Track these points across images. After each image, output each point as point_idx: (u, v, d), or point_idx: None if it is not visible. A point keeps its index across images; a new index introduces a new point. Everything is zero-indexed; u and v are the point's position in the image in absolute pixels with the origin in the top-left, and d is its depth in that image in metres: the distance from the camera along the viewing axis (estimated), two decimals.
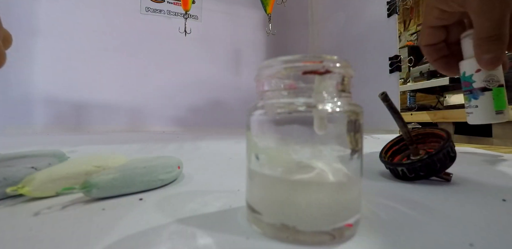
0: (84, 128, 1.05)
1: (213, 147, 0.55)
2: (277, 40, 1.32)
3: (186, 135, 0.85)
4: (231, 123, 1.22)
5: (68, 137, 0.77)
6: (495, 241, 0.15)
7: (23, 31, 0.96)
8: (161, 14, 1.18)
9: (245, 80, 1.28)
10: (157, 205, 0.20)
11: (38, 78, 0.99)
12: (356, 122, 0.15)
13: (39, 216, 0.18)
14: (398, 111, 0.29)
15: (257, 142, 0.16)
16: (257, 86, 0.17)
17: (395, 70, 0.88)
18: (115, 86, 1.10)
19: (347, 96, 0.16)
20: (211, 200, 0.22)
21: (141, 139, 0.73)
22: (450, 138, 0.28)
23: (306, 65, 0.15)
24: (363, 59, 1.02)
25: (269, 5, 1.06)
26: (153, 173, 0.25)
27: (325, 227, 0.14)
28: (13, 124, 0.95)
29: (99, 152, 0.49)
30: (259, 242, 0.14)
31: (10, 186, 0.21)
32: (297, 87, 0.15)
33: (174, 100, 1.18)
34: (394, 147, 0.34)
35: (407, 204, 0.21)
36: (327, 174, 0.15)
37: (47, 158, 0.28)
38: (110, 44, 1.10)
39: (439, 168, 0.26)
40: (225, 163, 0.39)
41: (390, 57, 0.90)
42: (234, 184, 0.26)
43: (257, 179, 0.16)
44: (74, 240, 0.15)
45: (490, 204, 0.21)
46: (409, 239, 0.15)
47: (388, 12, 0.91)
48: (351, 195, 0.15)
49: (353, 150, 0.15)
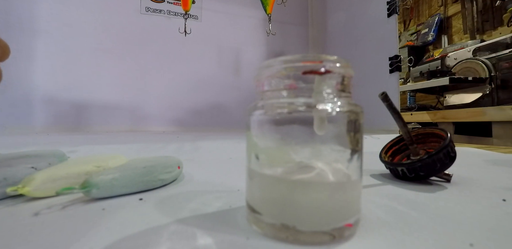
0: (84, 128, 1.05)
1: (213, 147, 0.55)
2: (277, 40, 1.32)
3: (186, 135, 0.85)
4: (231, 123, 1.22)
5: (68, 137, 0.76)
6: (495, 241, 0.15)
7: (23, 31, 0.96)
8: (161, 14, 1.18)
9: (245, 80, 1.28)
10: (157, 205, 0.20)
11: (38, 78, 0.99)
12: (356, 122, 0.15)
13: (39, 216, 0.18)
14: (398, 111, 0.29)
15: (257, 142, 0.16)
16: (257, 86, 0.17)
17: (395, 70, 0.88)
18: (115, 86, 1.10)
19: (347, 96, 0.16)
20: (211, 200, 0.22)
21: (141, 139, 0.73)
22: (450, 138, 0.28)
23: (306, 65, 0.15)
24: (363, 59, 1.02)
25: (269, 5, 1.06)
26: (153, 173, 0.25)
27: (325, 227, 0.14)
28: (13, 124, 0.95)
29: (99, 152, 0.49)
30: (259, 242, 0.14)
31: (10, 186, 0.21)
32: (297, 87, 0.15)
33: (174, 100, 1.18)
34: (394, 147, 0.34)
35: (407, 204, 0.21)
36: (327, 174, 0.15)
37: (47, 158, 0.28)
38: (110, 44, 1.10)
39: (439, 168, 0.26)
40: (225, 163, 0.39)
41: (390, 57, 0.90)
42: (234, 184, 0.26)
43: (257, 179, 0.16)
44: (74, 240, 0.15)
45: (490, 204, 0.21)
46: (409, 239, 0.15)
47: (388, 12, 0.91)
48: (351, 195, 0.15)
49: (353, 150, 0.15)
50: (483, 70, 1.14)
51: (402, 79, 1.74)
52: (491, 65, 1.13)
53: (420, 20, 2.07)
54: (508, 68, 1.07)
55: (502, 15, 1.49)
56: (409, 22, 2.17)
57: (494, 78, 1.11)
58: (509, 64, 1.07)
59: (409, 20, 2.17)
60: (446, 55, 1.40)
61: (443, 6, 1.87)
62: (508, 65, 1.07)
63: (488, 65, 1.13)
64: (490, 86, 1.12)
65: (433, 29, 1.86)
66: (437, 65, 1.43)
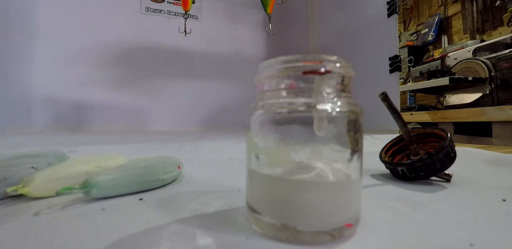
0: (84, 128, 1.05)
1: (213, 147, 0.55)
2: (277, 40, 1.32)
3: (186, 135, 0.85)
4: (231, 123, 1.22)
5: (68, 137, 0.76)
6: (495, 241, 0.15)
7: (23, 32, 0.96)
8: (161, 14, 1.18)
9: (245, 80, 1.28)
10: (157, 205, 0.20)
11: (38, 78, 0.99)
12: (356, 122, 0.15)
13: (39, 216, 0.18)
14: (398, 111, 0.29)
15: (257, 142, 0.16)
16: (257, 86, 0.17)
17: (395, 70, 0.88)
18: (115, 86, 1.10)
19: (347, 96, 0.16)
20: (211, 200, 0.22)
21: (141, 139, 0.73)
22: (450, 138, 0.28)
23: (306, 65, 0.15)
24: (363, 59, 1.02)
25: (269, 5, 1.05)
26: (153, 173, 0.25)
27: (325, 227, 0.14)
28: (13, 124, 0.95)
29: (99, 152, 0.49)
30: (259, 242, 0.14)
31: (10, 186, 0.21)
32: (297, 87, 0.15)
33: (174, 100, 1.18)
34: (394, 147, 0.34)
35: (407, 204, 0.21)
36: (327, 174, 0.15)
37: (47, 158, 0.28)
38: (110, 44, 1.10)
39: (439, 168, 0.26)
40: (225, 163, 0.39)
41: (390, 57, 0.90)
42: (234, 184, 0.26)
43: (257, 179, 0.16)
44: (74, 240, 0.15)
45: (490, 204, 0.21)
46: (409, 239, 0.15)
47: (388, 12, 0.91)
48: (351, 195, 0.15)
49: (353, 150, 0.15)
50: (483, 70, 1.14)
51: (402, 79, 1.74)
52: (491, 65, 1.13)
53: (420, 20, 2.07)
54: (508, 68, 1.07)
55: (502, 15, 1.49)
56: (409, 22, 2.17)
57: (494, 78, 1.11)
58: (509, 64, 1.07)
59: (409, 20, 2.16)
60: (446, 55, 1.40)
61: (443, 6, 1.87)
62: (508, 65, 1.07)
63: (488, 65, 1.13)
64: (490, 86, 1.12)
65: (433, 29, 1.86)
66: (437, 65, 1.43)
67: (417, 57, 1.78)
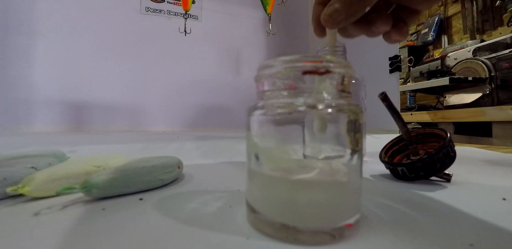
0: (84, 128, 1.05)
1: (213, 147, 0.55)
2: (277, 40, 1.32)
3: (186, 135, 0.85)
4: (231, 123, 1.22)
5: (68, 137, 0.77)
6: (495, 241, 0.15)
7: (23, 32, 0.96)
8: (161, 14, 1.19)
9: (245, 80, 1.28)
10: (157, 205, 0.20)
11: (38, 78, 0.99)
12: (356, 122, 0.15)
13: (39, 216, 0.18)
14: (398, 111, 0.29)
15: (257, 142, 0.16)
16: (257, 86, 0.17)
17: (395, 70, 0.88)
18: (115, 86, 1.11)
19: (347, 96, 0.16)
20: (211, 200, 0.22)
21: (141, 139, 0.73)
22: (450, 138, 0.28)
23: (306, 65, 0.15)
24: (363, 59, 1.02)
25: (269, 5, 1.06)
26: (153, 173, 0.25)
27: (325, 227, 0.14)
28: (13, 124, 0.95)
29: (99, 152, 0.49)
30: (259, 242, 0.14)
31: (10, 186, 0.21)
32: (297, 87, 0.15)
33: (174, 100, 1.18)
34: (394, 147, 0.34)
35: (407, 204, 0.21)
36: (327, 174, 0.15)
37: (47, 158, 0.28)
38: (110, 44, 1.10)
39: (439, 168, 0.26)
40: (225, 163, 0.39)
41: (390, 57, 0.90)
42: (234, 184, 0.26)
43: (257, 179, 0.16)
44: (74, 240, 0.15)
45: (490, 204, 0.21)
46: (409, 239, 0.15)
47: None
48: (351, 195, 0.15)
49: (353, 150, 0.15)
50: (483, 70, 1.14)
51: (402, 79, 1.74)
52: (491, 65, 1.13)
53: (420, 20, 2.07)
54: (508, 68, 1.07)
55: (502, 15, 1.49)
56: None
57: (494, 78, 1.11)
58: (509, 64, 1.07)
59: None
60: (446, 55, 1.40)
61: (443, 6, 1.87)
62: (508, 65, 1.07)
63: (488, 65, 1.13)
64: (490, 86, 1.12)
65: (433, 29, 1.86)
66: (437, 65, 1.43)
67: (417, 57, 1.78)
